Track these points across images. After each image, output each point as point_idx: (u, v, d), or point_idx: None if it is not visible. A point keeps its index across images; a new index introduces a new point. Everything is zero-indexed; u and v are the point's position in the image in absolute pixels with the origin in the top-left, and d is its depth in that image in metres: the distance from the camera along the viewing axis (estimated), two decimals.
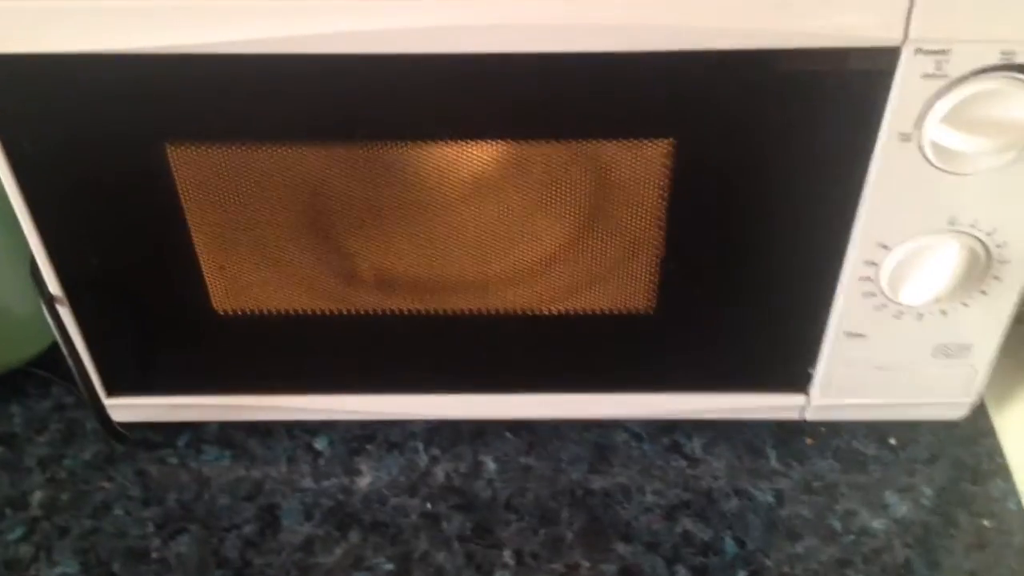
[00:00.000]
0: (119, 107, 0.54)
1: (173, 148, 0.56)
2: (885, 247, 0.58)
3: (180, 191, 0.58)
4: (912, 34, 0.49)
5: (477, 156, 0.57)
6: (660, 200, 0.58)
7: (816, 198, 0.57)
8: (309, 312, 0.64)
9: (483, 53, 0.51)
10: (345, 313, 0.64)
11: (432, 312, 0.64)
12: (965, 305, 0.61)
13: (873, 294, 0.61)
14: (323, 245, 0.62)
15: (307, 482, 0.69)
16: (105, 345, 0.65)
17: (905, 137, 0.53)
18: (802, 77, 0.52)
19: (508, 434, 0.72)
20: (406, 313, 0.64)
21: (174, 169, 0.56)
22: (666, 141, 0.55)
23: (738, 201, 0.57)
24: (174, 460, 0.70)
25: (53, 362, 0.72)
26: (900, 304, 0.61)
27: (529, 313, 0.64)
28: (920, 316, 0.62)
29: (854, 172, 0.55)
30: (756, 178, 0.56)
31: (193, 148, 0.56)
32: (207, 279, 0.62)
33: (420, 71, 0.52)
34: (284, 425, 0.72)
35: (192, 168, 0.57)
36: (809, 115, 0.53)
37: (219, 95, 0.53)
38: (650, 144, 0.55)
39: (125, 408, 0.68)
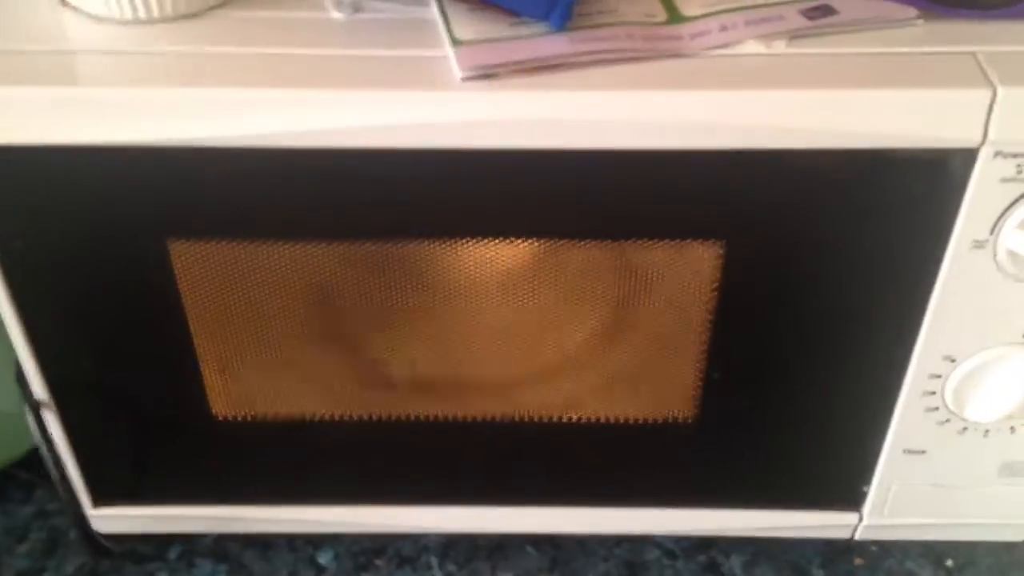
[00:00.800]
0: (119, 201, 0.49)
1: (176, 244, 0.51)
2: (952, 360, 0.53)
3: (181, 289, 0.53)
4: (992, 135, 0.45)
5: (503, 255, 0.52)
6: (706, 305, 0.53)
7: (879, 308, 0.52)
8: (315, 417, 0.59)
9: (512, 149, 0.46)
10: (355, 419, 0.59)
11: (450, 418, 0.59)
12: None
13: (936, 408, 0.56)
14: (333, 346, 0.57)
15: None
16: (93, 452, 0.60)
17: (979, 244, 0.49)
18: (869, 180, 0.47)
19: (530, 548, 0.66)
20: (422, 419, 0.59)
21: (176, 266, 0.52)
22: (716, 243, 0.50)
23: (792, 310, 0.53)
24: (164, 574, 0.64)
25: (37, 463, 0.65)
26: (966, 420, 0.56)
27: (555, 420, 0.59)
28: (986, 433, 0.57)
29: (921, 281, 0.50)
30: (813, 286, 0.52)
31: (196, 244, 0.51)
32: (206, 382, 0.57)
33: (449, 167, 0.47)
34: (285, 537, 0.66)
35: (195, 265, 0.52)
36: (875, 221, 0.49)
37: (225, 189, 0.49)
38: (698, 246, 0.50)
39: (113, 519, 0.63)
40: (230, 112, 0.46)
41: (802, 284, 0.52)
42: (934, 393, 0.55)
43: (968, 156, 0.46)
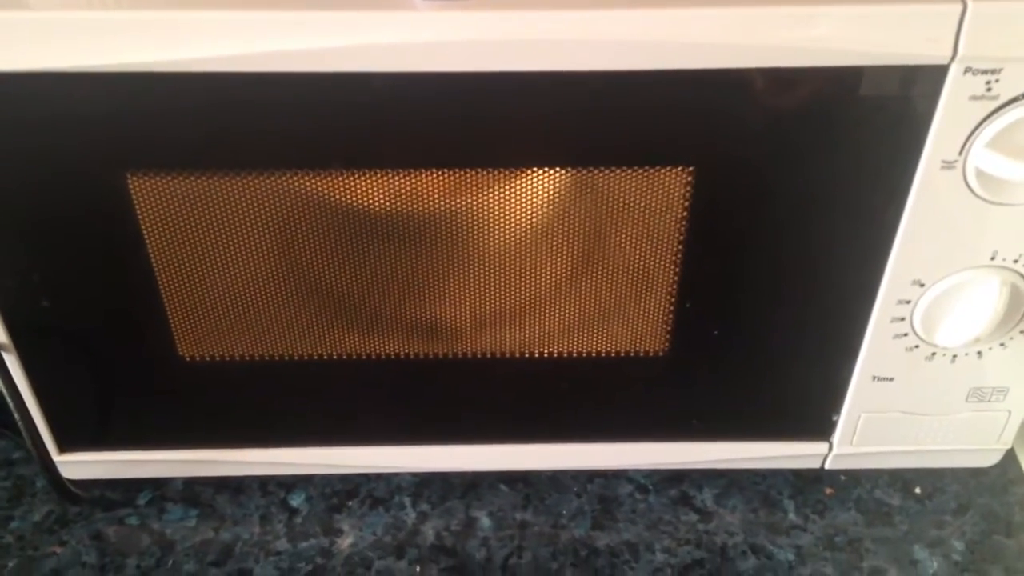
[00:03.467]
0: (73, 133, 0.48)
1: (135, 177, 0.50)
2: (920, 284, 0.53)
3: (143, 226, 0.52)
4: (962, 51, 0.45)
5: (471, 185, 0.51)
6: (676, 233, 0.52)
7: (848, 232, 0.52)
8: (285, 357, 0.58)
9: (478, 72, 0.46)
10: (325, 358, 0.58)
11: (421, 356, 0.58)
12: (1003, 346, 0.56)
13: (905, 334, 0.56)
14: (301, 284, 0.56)
15: (282, 544, 0.62)
16: (58, 396, 0.59)
17: (948, 164, 0.49)
18: (836, 99, 0.47)
19: (503, 487, 0.66)
20: (392, 357, 0.58)
21: (136, 201, 0.51)
22: (684, 169, 0.50)
23: (762, 235, 0.52)
24: (134, 521, 0.63)
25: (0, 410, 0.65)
26: (934, 345, 0.56)
27: (527, 355, 0.58)
28: (954, 358, 0.57)
29: (890, 203, 0.50)
30: (781, 210, 0.51)
31: (157, 177, 0.50)
32: (172, 322, 0.56)
33: (411, 91, 0.46)
34: (256, 480, 0.66)
35: (156, 199, 0.51)
36: (843, 141, 0.48)
37: (186, 119, 0.48)
38: (666, 172, 0.50)
39: (80, 465, 0.62)
40: (185, 36, 0.45)
41: (772, 209, 0.51)
42: (903, 319, 0.55)
43: (938, 73, 0.45)
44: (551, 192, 0.51)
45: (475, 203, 0.52)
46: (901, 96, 0.46)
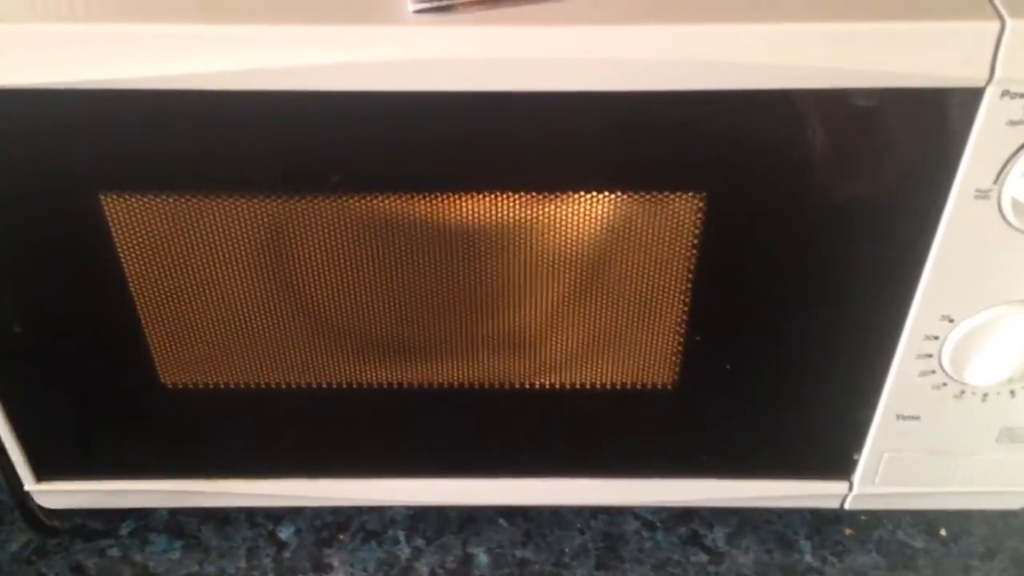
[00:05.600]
0: (44, 152, 0.45)
1: (109, 198, 0.47)
2: (950, 320, 0.50)
3: (119, 248, 0.49)
4: (999, 73, 0.41)
5: (472, 209, 0.48)
6: (685, 262, 0.49)
7: (872, 264, 0.48)
8: (273, 385, 0.55)
9: (481, 92, 0.42)
10: (315, 387, 0.55)
11: (416, 385, 0.55)
12: None
13: (932, 372, 0.52)
14: (289, 309, 0.52)
15: None
16: (34, 423, 0.56)
17: (982, 194, 0.45)
18: (863, 124, 0.43)
19: (502, 521, 0.62)
20: (386, 386, 0.55)
21: (111, 222, 0.48)
22: (695, 196, 0.46)
23: (778, 267, 0.49)
24: (115, 552, 0.61)
25: None
26: (964, 384, 0.52)
27: (529, 385, 0.55)
28: (985, 397, 0.53)
29: (919, 234, 0.47)
30: (801, 241, 0.48)
31: (132, 198, 0.47)
32: (153, 349, 0.53)
33: (403, 111, 0.43)
34: (244, 511, 0.63)
35: (132, 221, 0.48)
36: (868, 168, 0.45)
37: (161, 138, 0.45)
38: (676, 198, 0.46)
39: (59, 494, 0.59)
40: (161, 51, 0.42)
41: (790, 239, 0.48)
42: (930, 356, 0.51)
43: (973, 96, 0.42)
44: (551, 217, 0.48)
45: (472, 227, 0.49)
46: (932, 120, 0.43)
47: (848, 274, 0.49)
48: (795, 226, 0.47)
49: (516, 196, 0.47)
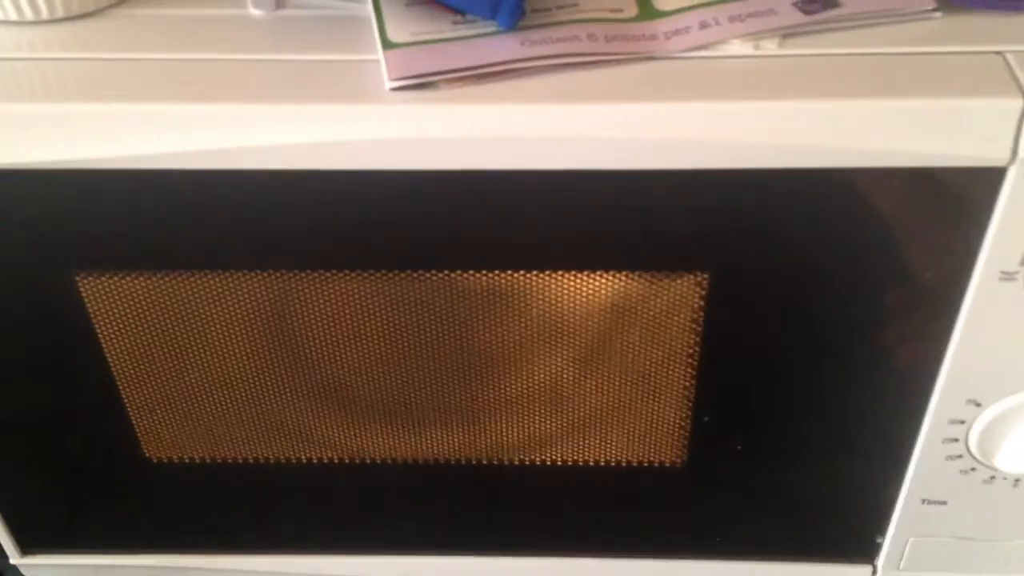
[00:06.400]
0: (15, 232, 0.43)
1: (84, 278, 0.45)
2: (977, 404, 0.46)
3: (96, 326, 0.47)
4: (1023, 152, 0.38)
5: (469, 287, 0.45)
6: (690, 342, 0.46)
7: (891, 346, 0.45)
8: (262, 461, 0.53)
9: (476, 170, 0.40)
10: (307, 462, 0.53)
11: (417, 458, 0.53)
12: None
13: (959, 456, 0.49)
14: (279, 383, 0.50)
15: None
16: (17, 496, 0.54)
17: (1008, 276, 0.42)
18: (876, 204, 0.40)
19: None
20: (381, 462, 0.53)
21: (87, 302, 0.46)
22: (699, 275, 0.43)
23: (789, 348, 0.46)
24: None
25: None
26: (994, 469, 0.49)
27: (531, 463, 0.52)
28: (1016, 482, 0.50)
29: (941, 316, 0.43)
30: (813, 323, 0.45)
31: (107, 278, 0.45)
32: (136, 423, 0.51)
33: (377, 189, 0.41)
34: None
35: (108, 300, 0.46)
36: (885, 251, 0.42)
37: (133, 217, 0.43)
38: (679, 278, 0.44)
39: (45, 568, 0.57)
40: (131, 130, 0.40)
41: (801, 321, 0.45)
42: (956, 440, 0.48)
43: (995, 176, 0.39)
44: (550, 294, 0.45)
45: (469, 304, 0.46)
46: (953, 201, 0.40)
47: (864, 357, 0.46)
48: (807, 309, 0.44)
49: (512, 275, 0.45)
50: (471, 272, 0.45)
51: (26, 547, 0.56)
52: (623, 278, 0.44)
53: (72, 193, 0.42)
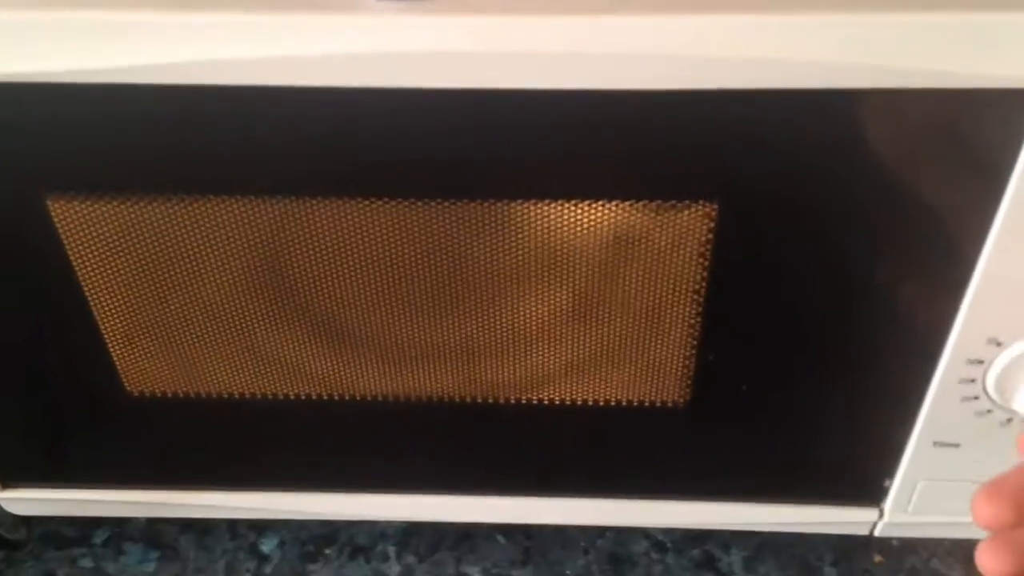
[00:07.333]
0: None
1: (56, 202, 0.42)
2: (997, 343, 0.44)
3: (70, 253, 0.44)
4: None
5: (464, 216, 0.43)
6: (696, 277, 0.43)
7: (907, 281, 0.42)
8: (248, 395, 0.50)
9: (470, 89, 0.37)
10: (293, 397, 0.51)
11: (412, 395, 0.50)
12: None
13: (975, 398, 0.46)
14: (268, 313, 0.48)
15: None
16: None
17: None
18: (899, 127, 0.37)
19: (501, 538, 0.58)
20: (376, 398, 0.50)
21: (60, 227, 0.43)
22: (707, 205, 0.41)
23: (800, 283, 0.43)
24: (88, 563, 0.57)
25: None
26: (1011, 411, 0.46)
27: (530, 400, 0.50)
28: None
29: (962, 250, 0.41)
30: (826, 256, 0.42)
31: (80, 201, 0.42)
32: (114, 356, 0.49)
33: (360, 107, 0.38)
34: (226, 520, 0.59)
35: (82, 225, 0.43)
36: (907, 176, 0.39)
37: (106, 135, 0.40)
38: (684, 209, 0.41)
39: (26, 502, 0.55)
40: (103, 41, 0.37)
41: (813, 254, 0.42)
42: (973, 381, 0.46)
43: None
44: (550, 223, 0.43)
45: (466, 232, 0.43)
46: (982, 123, 0.37)
47: (880, 291, 0.43)
48: (820, 240, 0.41)
49: (510, 203, 0.42)
50: (466, 201, 0.42)
51: (6, 480, 0.55)
52: (626, 208, 0.41)
53: (39, 109, 0.39)
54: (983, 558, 0.35)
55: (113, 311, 0.47)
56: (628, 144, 0.39)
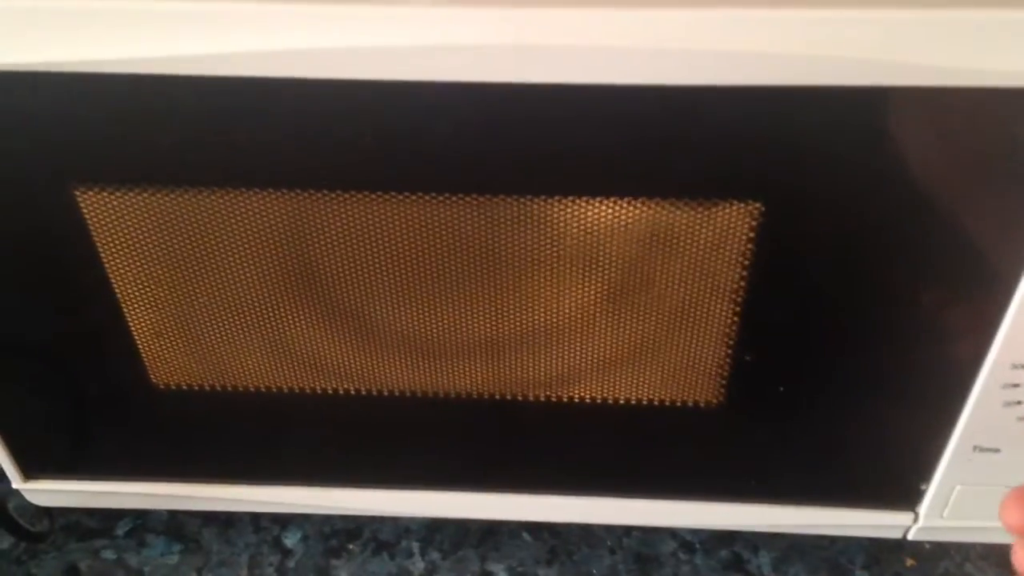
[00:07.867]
0: (9, 140, 0.40)
1: (83, 193, 0.42)
2: None
3: (98, 245, 0.44)
4: None
5: (497, 213, 0.42)
6: (737, 277, 0.43)
7: (954, 284, 0.41)
8: (275, 389, 0.50)
9: (506, 83, 0.36)
10: (321, 392, 0.50)
11: (440, 391, 0.50)
12: None
13: (1018, 402, 0.45)
14: (294, 306, 0.47)
15: None
16: (19, 421, 0.52)
17: None
18: (948, 126, 0.36)
19: (526, 536, 0.57)
20: (403, 394, 0.50)
21: (88, 218, 0.43)
22: (751, 204, 0.40)
23: (844, 286, 0.42)
24: (110, 554, 0.57)
25: None
26: None
27: (560, 398, 0.49)
28: None
29: (1012, 249, 0.40)
30: (870, 258, 0.41)
31: (108, 193, 0.42)
32: (141, 348, 0.48)
33: (398, 101, 0.37)
34: (249, 513, 0.58)
35: (111, 216, 0.43)
36: (957, 175, 0.38)
37: (135, 127, 0.39)
38: (728, 207, 0.40)
39: (49, 493, 0.55)
40: (132, 31, 0.36)
41: (856, 257, 0.41)
42: (1018, 386, 0.45)
43: None
44: (586, 221, 0.42)
45: (506, 230, 0.43)
46: None
47: (925, 295, 0.42)
48: (863, 242, 0.40)
49: (545, 200, 0.41)
50: (500, 197, 0.41)
51: (29, 472, 0.54)
52: (667, 206, 0.41)
53: (69, 99, 0.38)
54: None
55: (140, 303, 0.46)
56: (674, 141, 0.38)
